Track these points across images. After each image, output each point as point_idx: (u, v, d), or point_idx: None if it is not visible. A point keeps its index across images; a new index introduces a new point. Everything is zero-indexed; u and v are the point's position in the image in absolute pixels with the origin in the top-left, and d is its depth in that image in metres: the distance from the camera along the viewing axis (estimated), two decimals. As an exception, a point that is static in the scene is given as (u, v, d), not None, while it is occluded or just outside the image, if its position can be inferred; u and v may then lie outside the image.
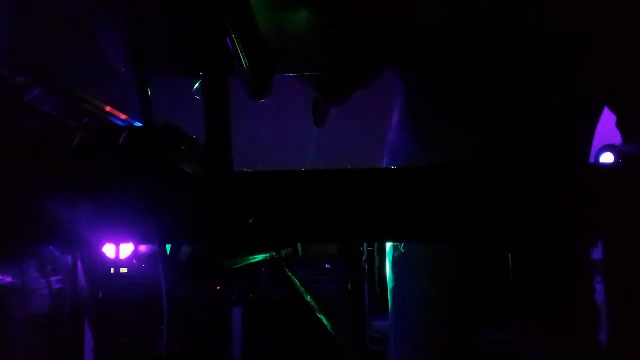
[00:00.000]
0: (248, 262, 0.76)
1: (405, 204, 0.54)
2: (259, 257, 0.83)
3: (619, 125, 1.04)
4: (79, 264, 1.89)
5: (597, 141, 1.11)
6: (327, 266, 3.30)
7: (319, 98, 0.98)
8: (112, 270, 2.09)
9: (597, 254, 1.09)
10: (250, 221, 0.52)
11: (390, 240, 1.12)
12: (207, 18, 0.54)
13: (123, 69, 0.64)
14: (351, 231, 0.55)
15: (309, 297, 0.95)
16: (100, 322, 1.93)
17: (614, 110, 1.03)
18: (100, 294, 1.95)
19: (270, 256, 0.89)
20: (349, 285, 3.28)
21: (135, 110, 0.55)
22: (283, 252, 0.93)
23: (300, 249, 0.97)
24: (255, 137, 3.43)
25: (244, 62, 0.59)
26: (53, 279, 1.97)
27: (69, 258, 1.90)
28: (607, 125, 1.10)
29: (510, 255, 0.99)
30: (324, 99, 0.98)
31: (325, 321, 0.93)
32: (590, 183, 0.53)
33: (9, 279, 1.87)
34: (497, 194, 0.54)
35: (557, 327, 1.01)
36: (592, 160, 1.14)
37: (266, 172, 0.55)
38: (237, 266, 0.70)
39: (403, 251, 1.12)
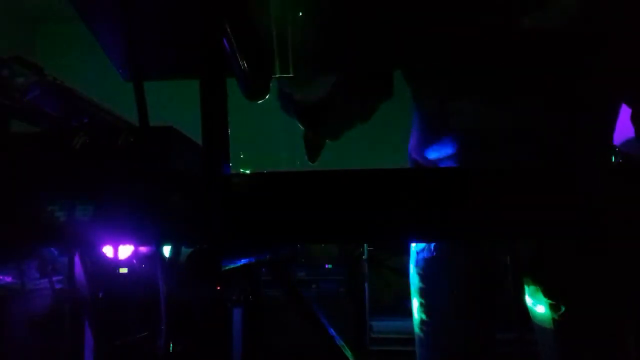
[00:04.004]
0: (248, 262, 0.76)
1: (405, 205, 0.54)
2: (259, 258, 0.83)
3: (634, 119, 1.02)
4: (79, 264, 1.89)
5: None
6: (327, 266, 3.31)
7: (309, 132, 0.97)
8: (112, 271, 2.09)
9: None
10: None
11: (390, 241, 1.12)
12: (204, 18, 0.54)
13: (120, 70, 0.64)
14: (351, 231, 0.55)
15: (308, 297, 0.95)
16: (100, 322, 1.93)
17: (629, 103, 1.01)
18: (100, 294, 1.95)
19: (269, 257, 0.89)
20: (349, 285, 3.28)
21: (133, 111, 0.55)
22: (282, 253, 0.93)
23: (299, 250, 0.97)
24: (253, 138, 3.43)
25: (240, 63, 0.59)
26: (53, 279, 1.97)
27: (69, 258, 1.90)
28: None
29: (509, 257, 0.99)
30: (310, 128, 0.96)
31: (324, 321, 0.93)
32: (592, 185, 0.53)
33: (9, 279, 1.87)
34: (500, 196, 0.54)
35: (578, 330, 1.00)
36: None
37: (264, 174, 0.55)
38: (236, 267, 0.70)
39: (430, 256, 1.13)
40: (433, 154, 1.08)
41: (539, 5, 0.88)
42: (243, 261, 0.73)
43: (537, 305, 1.05)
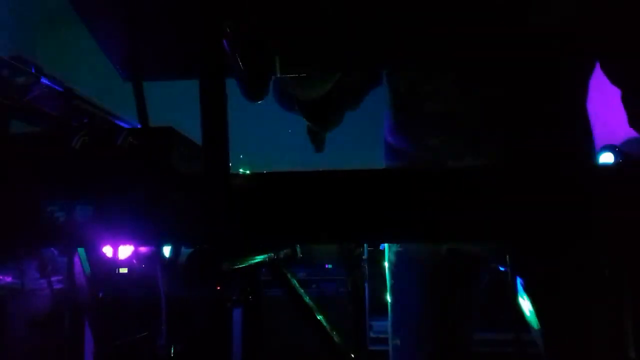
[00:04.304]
0: (247, 262, 0.76)
1: (405, 204, 0.54)
2: (259, 258, 0.83)
3: (624, 100, 0.99)
4: (79, 264, 1.89)
5: (598, 141, 1.10)
6: (327, 266, 3.31)
7: (311, 124, 0.97)
8: (112, 271, 2.09)
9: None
10: None
11: (389, 241, 1.11)
12: (204, 19, 0.54)
13: (120, 71, 0.64)
14: (351, 231, 0.55)
15: (308, 297, 0.95)
16: (100, 322, 1.93)
17: (618, 84, 0.98)
18: (100, 294, 1.95)
19: (269, 257, 0.89)
20: (349, 285, 3.28)
21: (133, 111, 0.55)
22: (282, 253, 0.93)
23: (299, 250, 0.97)
24: (253, 138, 3.43)
25: (240, 63, 0.59)
26: (53, 279, 1.97)
27: (69, 258, 1.90)
28: (607, 126, 1.10)
29: (509, 257, 0.99)
30: (314, 123, 0.97)
31: (324, 321, 0.93)
32: (591, 184, 0.53)
33: (9, 279, 1.87)
34: (498, 196, 0.54)
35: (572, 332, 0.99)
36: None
37: (264, 174, 0.55)
38: (236, 267, 0.70)
39: (400, 249, 1.12)
40: (405, 138, 1.07)
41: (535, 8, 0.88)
42: (243, 261, 0.73)
43: (525, 305, 1.04)
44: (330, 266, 3.31)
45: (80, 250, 1.81)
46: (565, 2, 0.64)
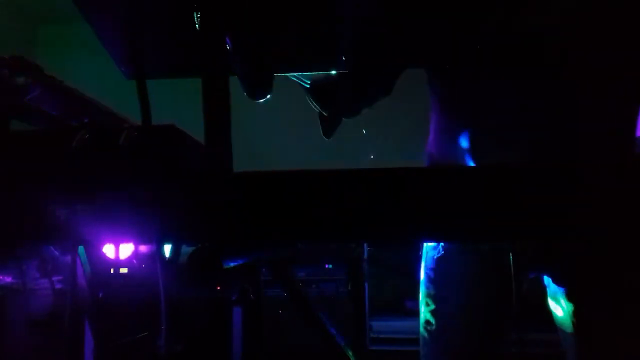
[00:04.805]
0: (248, 262, 0.76)
1: (405, 204, 0.54)
2: (259, 257, 0.83)
3: None
4: (79, 264, 1.89)
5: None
6: (327, 266, 3.30)
7: (322, 109, 0.96)
8: (112, 270, 2.09)
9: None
10: None
11: (390, 241, 1.11)
12: (206, 18, 0.54)
13: (123, 69, 0.64)
14: (351, 231, 0.55)
15: (308, 297, 0.95)
16: (100, 322, 1.93)
17: None
18: (100, 294, 1.95)
19: (270, 256, 0.89)
20: (349, 285, 3.28)
21: (133, 111, 0.55)
22: (283, 252, 0.93)
23: (299, 249, 0.97)
24: (255, 137, 3.43)
25: (243, 62, 0.59)
26: (53, 278, 1.97)
27: (69, 258, 1.89)
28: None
29: (511, 256, 0.98)
30: (324, 107, 0.95)
31: (325, 321, 0.93)
32: (592, 184, 0.53)
33: (9, 279, 1.87)
34: (497, 196, 0.54)
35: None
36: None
37: (266, 172, 0.55)
38: (236, 266, 0.70)
39: (442, 253, 1.11)
40: (449, 142, 1.07)
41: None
42: (243, 260, 0.73)
43: (557, 308, 1.03)
44: (330, 266, 3.31)
45: (81, 249, 1.81)
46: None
